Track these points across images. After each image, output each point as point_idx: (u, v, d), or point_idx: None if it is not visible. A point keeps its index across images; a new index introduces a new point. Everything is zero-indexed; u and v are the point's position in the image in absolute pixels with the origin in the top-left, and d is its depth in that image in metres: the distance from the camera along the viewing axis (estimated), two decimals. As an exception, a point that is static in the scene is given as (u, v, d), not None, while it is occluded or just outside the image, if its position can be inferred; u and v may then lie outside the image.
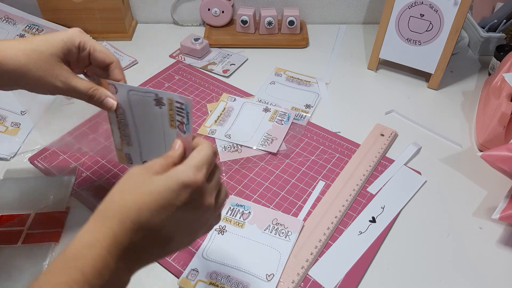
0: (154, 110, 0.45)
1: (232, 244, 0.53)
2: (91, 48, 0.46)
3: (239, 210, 0.57)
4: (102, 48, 0.47)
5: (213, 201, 0.37)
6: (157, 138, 0.46)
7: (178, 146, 0.39)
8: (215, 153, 0.38)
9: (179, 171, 0.34)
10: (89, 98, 0.45)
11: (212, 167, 0.38)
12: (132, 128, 0.48)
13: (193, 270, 0.50)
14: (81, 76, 0.48)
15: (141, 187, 0.34)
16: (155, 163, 0.36)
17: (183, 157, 0.38)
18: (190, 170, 0.35)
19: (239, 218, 0.56)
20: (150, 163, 0.36)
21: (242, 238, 0.53)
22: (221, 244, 0.53)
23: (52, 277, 0.31)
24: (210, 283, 0.49)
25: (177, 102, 0.43)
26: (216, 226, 0.55)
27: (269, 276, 0.49)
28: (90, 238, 0.32)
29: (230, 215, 0.56)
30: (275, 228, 0.54)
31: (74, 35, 0.45)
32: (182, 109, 0.43)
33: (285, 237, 0.53)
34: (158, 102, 0.45)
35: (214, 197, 0.37)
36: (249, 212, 0.56)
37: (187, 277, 0.49)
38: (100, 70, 0.48)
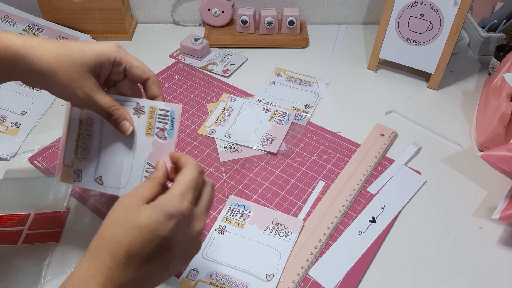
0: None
1: (232, 244, 0.53)
2: (128, 64, 0.45)
3: (239, 210, 0.57)
4: (139, 64, 0.45)
5: (202, 225, 0.38)
6: (123, 149, 0.45)
7: (160, 165, 0.40)
8: (201, 173, 0.38)
9: (164, 201, 0.35)
10: (108, 115, 0.44)
11: (199, 190, 0.38)
12: (95, 141, 0.47)
13: (193, 270, 0.50)
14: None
15: (130, 220, 0.35)
16: (143, 188, 0.37)
17: (167, 171, 0.39)
18: (175, 200, 0.35)
19: (239, 218, 0.56)
20: (138, 189, 0.37)
21: (242, 238, 0.53)
22: (221, 244, 0.53)
23: None
24: (210, 283, 0.49)
25: (161, 109, 0.44)
26: (216, 226, 0.55)
27: (269, 276, 0.49)
28: (85, 274, 0.33)
29: (230, 215, 0.56)
30: (275, 228, 0.54)
31: (111, 50, 0.43)
32: (166, 116, 0.43)
33: (285, 237, 0.53)
34: (138, 111, 0.45)
35: (203, 223, 0.38)
36: (249, 212, 0.56)
37: (187, 277, 0.49)
38: (132, 86, 0.47)
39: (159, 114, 0.44)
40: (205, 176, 0.41)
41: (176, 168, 0.41)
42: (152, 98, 0.46)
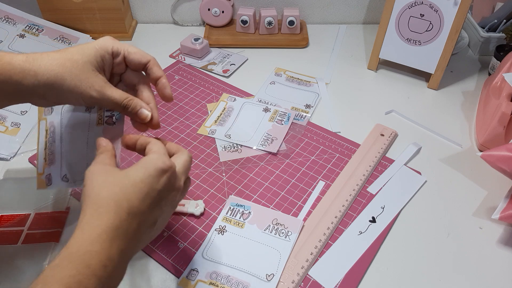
0: (84, 116, 0.48)
1: (232, 244, 0.53)
2: (125, 52, 0.45)
3: (239, 210, 0.57)
4: (136, 49, 0.46)
5: (182, 184, 0.42)
6: (80, 144, 0.48)
7: (104, 141, 0.42)
8: (162, 145, 0.42)
9: (154, 159, 0.38)
10: (124, 108, 0.44)
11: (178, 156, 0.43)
12: (58, 143, 0.49)
13: (193, 270, 0.50)
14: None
15: (122, 179, 0.37)
16: (104, 158, 0.40)
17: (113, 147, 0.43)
18: (163, 157, 0.39)
19: (239, 218, 0.56)
20: (100, 159, 0.40)
21: (242, 238, 0.53)
22: (221, 244, 0.53)
23: (59, 272, 0.32)
24: (210, 283, 0.49)
25: None
26: (216, 226, 0.55)
27: (269, 276, 0.49)
28: (91, 234, 0.34)
29: (230, 215, 0.56)
30: (275, 228, 0.54)
31: (106, 41, 0.44)
32: None
33: (285, 237, 0.53)
34: (89, 108, 0.48)
35: (183, 181, 0.42)
36: (249, 212, 0.56)
37: (187, 277, 0.49)
38: (137, 74, 0.47)
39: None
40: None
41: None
42: (156, 79, 0.47)
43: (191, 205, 0.57)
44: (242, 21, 0.91)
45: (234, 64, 0.86)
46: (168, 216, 0.43)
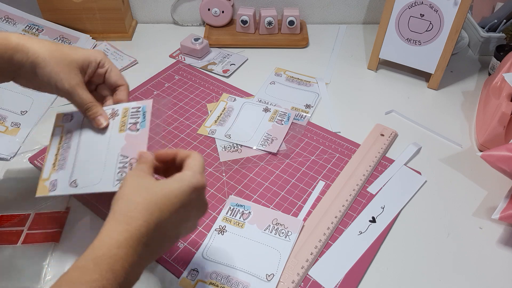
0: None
1: (232, 244, 0.53)
2: (109, 68, 0.51)
3: (239, 210, 0.57)
4: (118, 72, 0.52)
5: (206, 201, 0.43)
6: (98, 150, 0.48)
7: (146, 154, 0.43)
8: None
9: (189, 176, 0.39)
10: (85, 110, 0.48)
11: None
12: (73, 150, 0.50)
13: (193, 270, 0.50)
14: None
15: (157, 189, 0.38)
16: (143, 167, 0.41)
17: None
18: (198, 175, 0.40)
19: (239, 218, 0.56)
20: (139, 167, 0.41)
21: (242, 238, 0.54)
22: (221, 244, 0.53)
23: (84, 274, 0.32)
24: (210, 283, 0.49)
25: (134, 107, 0.48)
26: (216, 226, 0.55)
27: (269, 276, 0.49)
28: (118, 238, 0.34)
29: (230, 215, 0.56)
30: (275, 228, 0.54)
31: (99, 54, 0.50)
32: (138, 111, 0.48)
33: (285, 237, 0.53)
34: (113, 115, 0.49)
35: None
36: (249, 212, 0.56)
37: (187, 277, 0.49)
38: (109, 91, 0.53)
39: (132, 112, 0.48)
40: None
41: (173, 161, 0.44)
42: (117, 101, 0.51)
43: None
44: (242, 21, 0.91)
45: (234, 64, 0.86)
46: (189, 231, 0.43)
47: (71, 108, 0.59)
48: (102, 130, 0.49)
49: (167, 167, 0.44)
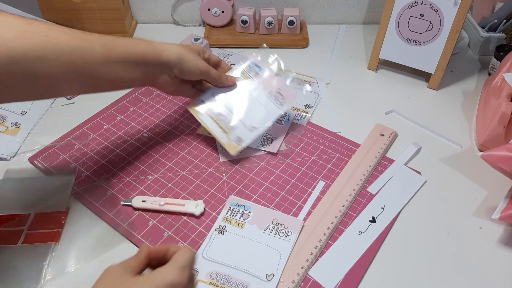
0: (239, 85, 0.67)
1: (232, 244, 0.53)
2: (210, 55, 0.64)
3: (239, 210, 0.57)
4: (214, 57, 0.66)
5: None
6: (248, 100, 0.65)
7: (144, 250, 0.42)
8: (194, 256, 0.42)
9: (165, 272, 0.39)
10: (218, 78, 0.63)
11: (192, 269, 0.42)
12: (228, 115, 0.64)
13: (193, 270, 0.50)
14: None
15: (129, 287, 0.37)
16: (130, 262, 0.40)
17: None
18: (176, 271, 0.39)
19: (239, 218, 0.56)
20: (126, 262, 0.40)
21: (242, 238, 0.53)
22: (221, 244, 0.53)
23: None
24: (210, 283, 0.49)
25: (248, 66, 0.69)
26: (216, 226, 0.55)
27: (269, 276, 0.49)
28: None
29: (230, 215, 0.56)
30: (275, 228, 0.54)
31: (201, 47, 0.63)
32: (251, 67, 0.69)
33: (285, 237, 0.53)
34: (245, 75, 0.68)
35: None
36: (249, 212, 0.56)
37: (187, 277, 0.49)
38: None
39: (248, 68, 0.68)
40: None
41: (162, 257, 0.43)
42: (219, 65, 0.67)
43: (191, 205, 0.57)
44: (242, 21, 0.91)
45: (234, 64, 0.86)
46: None
47: (71, 109, 0.59)
48: (240, 90, 0.66)
49: (162, 262, 0.43)
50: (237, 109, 0.64)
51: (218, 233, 0.54)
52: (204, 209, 0.57)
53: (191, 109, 0.65)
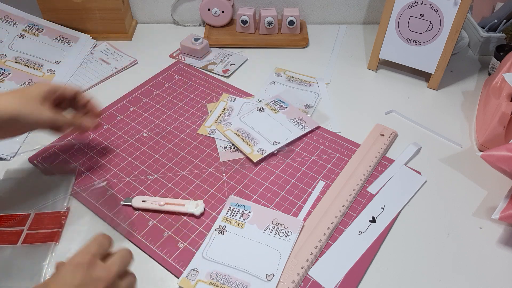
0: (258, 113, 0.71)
1: (232, 244, 0.53)
2: (60, 88, 0.56)
3: (239, 210, 0.57)
4: (68, 87, 0.57)
5: (104, 275, 0.39)
6: (271, 122, 0.70)
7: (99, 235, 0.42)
8: (109, 242, 0.42)
9: (72, 256, 0.39)
10: (69, 126, 0.56)
11: (104, 248, 0.41)
12: (248, 130, 0.68)
13: (193, 270, 0.50)
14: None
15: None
16: (79, 253, 0.40)
17: None
18: (81, 253, 0.39)
19: (239, 218, 0.56)
20: (77, 253, 0.40)
21: (242, 238, 0.53)
22: (221, 244, 0.53)
23: None
24: (210, 283, 0.49)
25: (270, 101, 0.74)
26: (216, 226, 0.55)
27: (269, 276, 0.49)
28: None
29: (230, 215, 0.56)
30: (275, 228, 0.54)
31: (44, 83, 0.55)
32: (276, 102, 0.75)
33: (285, 237, 0.53)
34: (260, 109, 0.72)
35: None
36: (249, 212, 0.56)
37: (187, 277, 0.49)
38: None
39: (271, 103, 0.75)
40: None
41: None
42: (85, 102, 0.59)
43: (191, 205, 0.57)
44: (242, 21, 0.91)
45: (234, 64, 0.86)
46: None
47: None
48: (266, 116, 0.71)
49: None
50: (262, 130, 0.69)
51: (218, 233, 0.54)
52: (204, 209, 0.57)
53: (218, 127, 0.69)
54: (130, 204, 0.57)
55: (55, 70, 0.81)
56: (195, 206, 0.57)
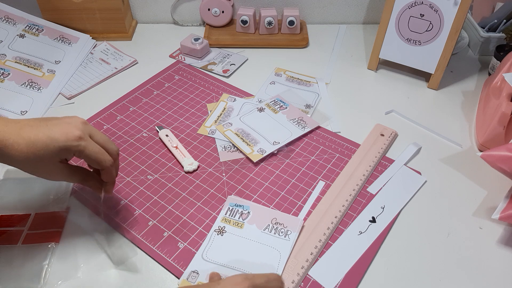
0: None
1: (231, 245, 0.53)
2: (85, 157, 0.47)
3: (238, 210, 0.57)
4: (98, 153, 0.48)
5: None
6: (272, 122, 0.69)
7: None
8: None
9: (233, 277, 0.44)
10: (82, 184, 0.52)
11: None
12: (249, 131, 0.68)
13: (193, 272, 0.50)
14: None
15: None
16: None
17: None
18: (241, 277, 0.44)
19: (238, 219, 0.56)
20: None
21: (242, 239, 0.53)
22: (220, 245, 0.53)
23: None
24: (210, 283, 0.49)
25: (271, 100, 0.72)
26: (215, 227, 0.55)
27: (269, 276, 0.49)
28: None
29: (229, 215, 0.56)
30: (274, 227, 0.54)
31: (72, 141, 0.46)
32: (275, 101, 0.74)
33: (285, 236, 0.53)
34: (260, 109, 0.72)
35: None
36: (248, 212, 0.56)
37: (187, 279, 0.49)
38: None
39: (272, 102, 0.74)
40: None
41: None
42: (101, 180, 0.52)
43: (186, 161, 0.63)
44: (242, 21, 0.91)
45: (234, 64, 0.86)
46: None
47: (71, 109, 0.59)
48: (265, 117, 0.71)
49: None
50: (262, 130, 0.69)
51: (217, 234, 0.54)
52: (198, 167, 0.63)
53: (218, 127, 0.69)
54: (158, 131, 0.68)
55: (55, 70, 0.81)
56: (188, 163, 0.63)
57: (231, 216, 0.56)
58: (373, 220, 0.57)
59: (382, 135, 0.69)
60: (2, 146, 0.43)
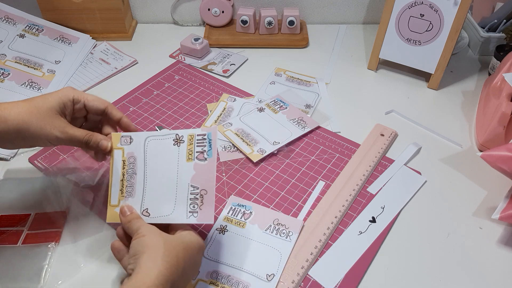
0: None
1: (233, 244, 0.53)
2: (85, 100, 0.51)
3: (240, 210, 0.57)
4: (94, 97, 0.52)
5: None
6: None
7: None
8: None
9: (196, 236, 0.45)
10: (86, 143, 0.49)
11: None
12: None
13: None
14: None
15: (178, 240, 0.44)
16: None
17: None
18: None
19: (240, 218, 0.56)
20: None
21: (243, 238, 0.54)
22: (222, 244, 0.53)
23: None
24: (211, 283, 0.49)
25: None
26: (217, 226, 0.55)
27: (269, 276, 0.49)
28: (155, 274, 0.39)
29: (231, 215, 0.56)
30: (276, 228, 0.54)
31: (68, 91, 0.50)
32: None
33: (286, 237, 0.53)
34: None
35: None
36: (250, 212, 0.56)
37: (187, 277, 0.49)
38: (98, 117, 0.54)
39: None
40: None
41: None
42: (116, 120, 0.52)
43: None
44: (242, 21, 0.91)
45: (234, 64, 0.86)
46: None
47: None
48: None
49: None
50: (262, 130, 0.68)
51: (219, 233, 0.54)
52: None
53: (218, 127, 0.68)
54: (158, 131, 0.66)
55: (55, 70, 0.81)
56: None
57: (233, 216, 0.56)
58: (373, 220, 0.57)
59: (382, 135, 0.69)
60: (2, 107, 0.46)
